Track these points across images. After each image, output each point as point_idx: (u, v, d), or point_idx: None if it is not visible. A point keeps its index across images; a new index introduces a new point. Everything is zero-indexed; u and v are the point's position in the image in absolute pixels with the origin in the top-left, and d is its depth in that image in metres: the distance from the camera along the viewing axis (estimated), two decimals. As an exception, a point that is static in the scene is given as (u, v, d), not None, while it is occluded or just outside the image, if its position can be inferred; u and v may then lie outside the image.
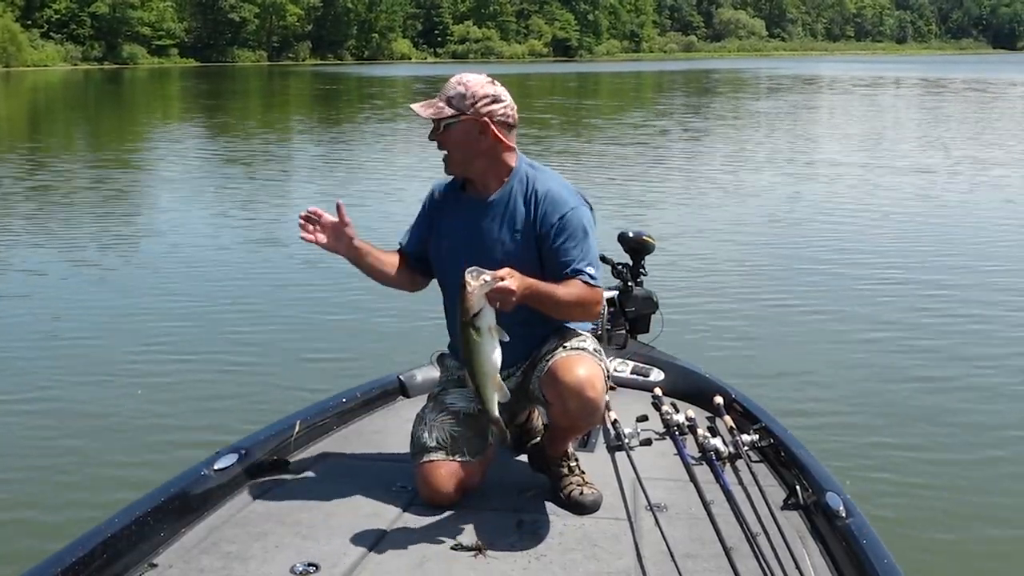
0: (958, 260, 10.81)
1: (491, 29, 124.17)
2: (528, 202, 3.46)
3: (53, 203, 15.22)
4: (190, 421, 6.18)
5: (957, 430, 6.08)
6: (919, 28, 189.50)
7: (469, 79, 3.45)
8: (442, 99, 3.43)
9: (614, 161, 20.11)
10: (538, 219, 3.43)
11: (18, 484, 5.38)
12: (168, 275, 10.18)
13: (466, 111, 3.41)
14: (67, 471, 5.51)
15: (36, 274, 10.31)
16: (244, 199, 15.46)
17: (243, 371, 7.17)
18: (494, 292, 3.09)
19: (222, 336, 8.04)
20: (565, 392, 3.31)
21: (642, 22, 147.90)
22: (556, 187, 3.48)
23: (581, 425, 3.48)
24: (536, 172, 3.53)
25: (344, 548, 3.12)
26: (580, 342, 3.48)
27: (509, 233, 3.46)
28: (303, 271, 10.28)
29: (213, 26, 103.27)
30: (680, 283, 9.26)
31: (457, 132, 3.43)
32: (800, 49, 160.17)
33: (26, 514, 5.03)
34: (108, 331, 8.18)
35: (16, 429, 6.13)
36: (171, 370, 7.15)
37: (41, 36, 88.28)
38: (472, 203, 3.54)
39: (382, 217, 12.43)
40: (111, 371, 7.16)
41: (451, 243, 3.55)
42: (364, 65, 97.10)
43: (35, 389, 6.81)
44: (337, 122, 30.51)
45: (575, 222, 3.42)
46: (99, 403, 6.54)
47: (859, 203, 14.43)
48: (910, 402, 6.53)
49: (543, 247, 3.44)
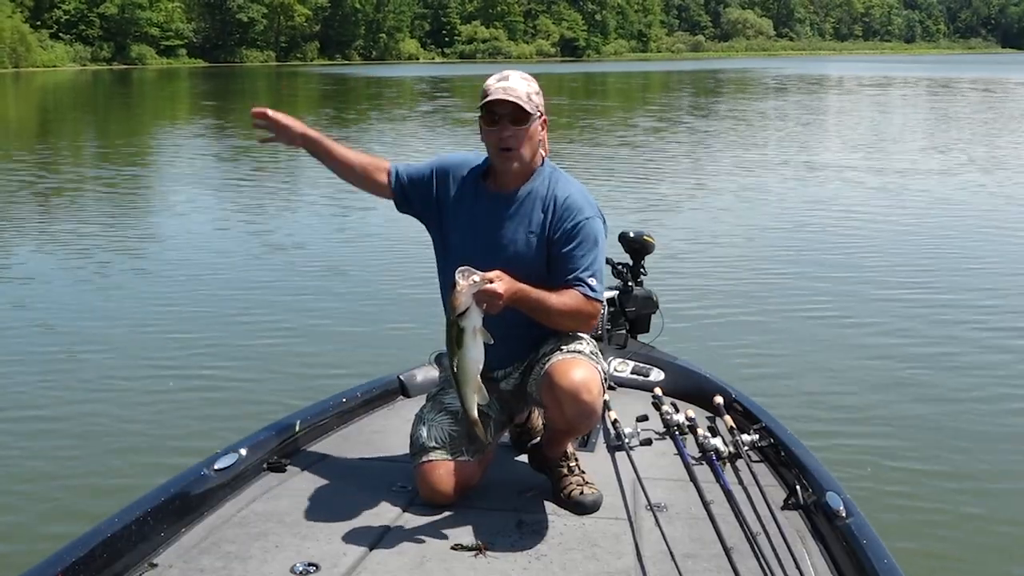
0: (958, 260, 10.78)
1: (499, 29, 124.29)
2: (547, 204, 3.47)
3: (56, 203, 15.28)
4: (190, 421, 6.17)
5: (958, 430, 6.07)
6: (927, 28, 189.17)
7: (525, 75, 3.50)
8: (521, 94, 3.42)
9: (616, 160, 20.14)
10: (553, 223, 3.45)
11: (18, 484, 5.38)
12: (168, 276, 10.18)
13: (540, 108, 3.47)
14: (67, 471, 5.51)
15: (38, 273, 10.32)
16: (247, 200, 15.46)
17: (243, 371, 7.17)
18: (481, 294, 3.10)
19: (222, 336, 8.03)
20: (561, 396, 3.31)
21: (650, 22, 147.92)
22: (576, 194, 3.50)
23: (578, 428, 3.48)
24: (558, 175, 3.55)
25: (344, 548, 3.12)
26: (577, 344, 3.48)
27: (524, 233, 3.47)
28: (303, 271, 10.31)
29: (221, 26, 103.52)
30: (680, 283, 9.25)
31: (533, 128, 3.46)
32: (808, 49, 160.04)
33: (26, 514, 5.03)
34: (108, 331, 8.17)
35: (16, 429, 6.14)
36: (171, 370, 7.14)
37: (50, 37, 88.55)
38: (492, 197, 3.54)
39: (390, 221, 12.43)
40: (111, 371, 7.16)
41: (462, 237, 3.54)
42: (371, 65, 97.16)
43: (35, 389, 6.81)
44: (345, 123, 30.47)
45: (588, 231, 3.44)
46: (99, 403, 6.53)
47: (860, 204, 14.38)
48: (910, 402, 6.51)
49: (552, 250, 3.44)
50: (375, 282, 9.66)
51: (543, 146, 3.53)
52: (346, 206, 14.26)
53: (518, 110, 3.41)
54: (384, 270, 10.14)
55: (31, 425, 6.18)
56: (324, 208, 14.36)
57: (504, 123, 3.42)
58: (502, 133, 3.43)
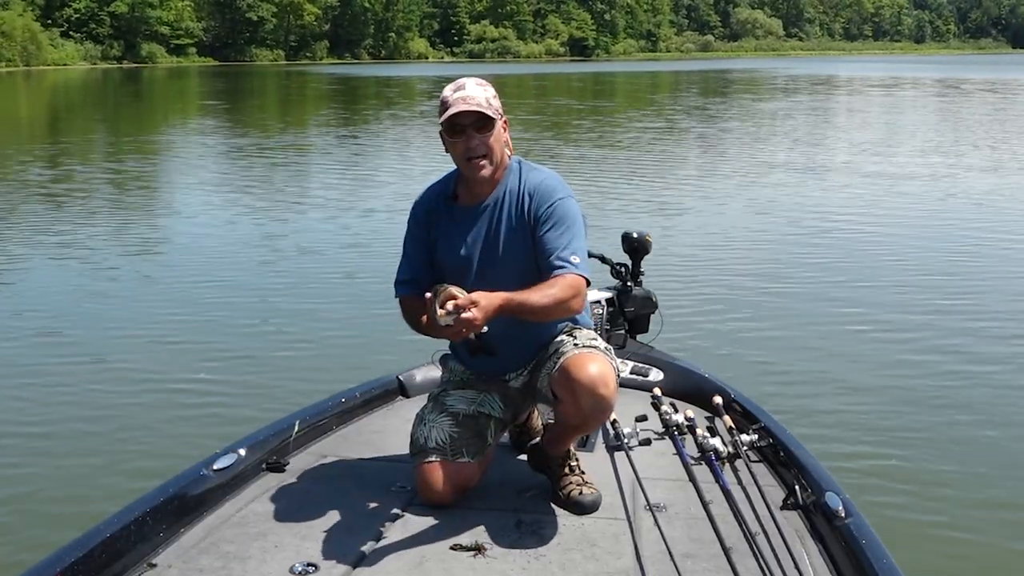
0: (959, 260, 10.75)
1: (508, 28, 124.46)
2: (521, 196, 3.47)
3: (57, 203, 15.27)
4: (190, 421, 6.17)
5: (958, 431, 6.05)
6: (937, 28, 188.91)
7: (480, 80, 3.47)
8: (481, 100, 3.40)
9: (618, 160, 20.17)
10: (532, 210, 3.44)
11: (18, 484, 5.38)
12: (168, 276, 10.17)
13: (499, 110, 3.46)
14: (67, 471, 5.52)
15: (38, 273, 10.35)
16: (251, 201, 15.42)
17: (243, 371, 7.16)
18: (457, 324, 3.08)
19: (222, 336, 8.02)
20: (578, 389, 3.30)
21: (659, 22, 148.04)
22: (548, 178, 3.50)
23: (591, 423, 3.47)
24: (527, 166, 3.55)
25: (343, 548, 3.12)
26: (591, 340, 3.49)
27: (508, 231, 3.47)
28: (303, 271, 10.30)
29: (231, 25, 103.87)
30: (680, 283, 9.24)
31: (497, 132, 3.45)
32: (817, 49, 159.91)
33: (26, 514, 5.03)
34: (109, 331, 8.18)
35: (16, 429, 6.15)
36: (171, 369, 7.15)
37: (61, 35, 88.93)
38: (467, 212, 3.53)
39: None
40: (111, 371, 7.17)
41: (453, 260, 3.52)
42: (381, 65, 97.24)
43: (35, 389, 6.81)
44: (352, 122, 30.50)
45: (562, 210, 3.42)
46: (99, 403, 6.53)
47: (861, 205, 14.32)
48: (910, 402, 6.49)
49: (534, 236, 3.43)
50: (375, 282, 9.62)
51: (508, 146, 3.52)
52: (348, 207, 14.31)
53: (481, 117, 3.39)
54: (384, 270, 10.06)
55: (31, 425, 6.19)
56: (327, 209, 14.40)
57: (469, 132, 3.40)
58: (469, 143, 3.41)
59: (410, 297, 3.53)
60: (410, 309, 3.54)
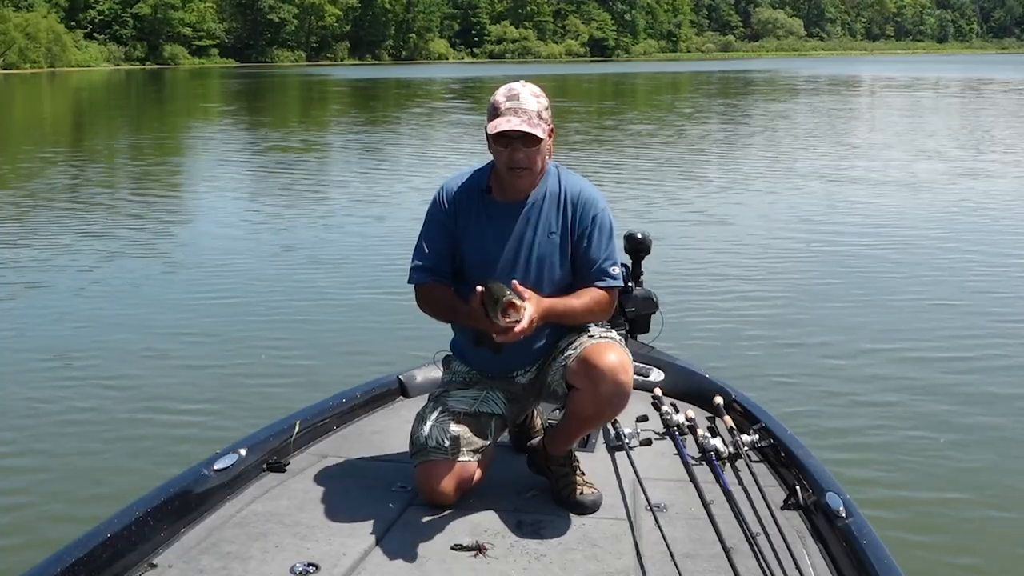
0: (959, 261, 10.66)
1: (528, 29, 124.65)
2: (562, 203, 3.48)
3: (61, 201, 15.37)
4: (190, 421, 6.19)
5: (959, 431, 6.03)
6: (960, 27, 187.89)
7: (535, 90, 3.42)
8: (532, 116, 3.35)
9: (618, 160, 20.17)
10: (574, 219, 3.47)
11: (18, 484, 5.40)
12: (168, 276, 10.22)
13: (549, 122, 3.43)
14: (67, 471, 5.53)
15: (41, 273, 10.37)
16: (260, 200, 15.53)
17: (243, 371, 7.17)
18: (512, 335, 3.17)
19: (221, 336, 8.03)
20: (598, 376, 3.30)
21: (679, 22, 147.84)
22: (587, 188, 3.53)
23: (607, 412, 3.47)
24: (565, 173, 3.56)
25: (344, 548, 3.12)
26: (606, 331, 3.51)
27: (545, 235, 3.48)
28: (303, 272, 10.33)
29: (253, 26, 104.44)
30: (680, 283, 9.22)
31: (544, 146, 3.42)
32: (839, 49, 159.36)
33: (26, 514, 5.05)
34: (108, 331, 8.20)
35: (16, 428, 6.17)
36: (171, 369, 7.17)
37: (85, 37, 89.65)
38: (503, 208, 3.51)
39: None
40: (112, 371, 7.19)
41: (479, 253, 3.50)
42: (401, 66, 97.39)
43: (35, 389, 6.83)
44: (369, 131, 30.52)
45: (605, 221, 3.49)
46: (99, 403, 6.55)
47: (862, 206, 14.27)
48: (911, 403, 6.46)
49: (576, 245, 3.47)
50: (376, 282, 9.66)
51: (549, 152, 3.50)
52: (354, 206, 14.33)
53: (531, 133, 3.36)
54: (385, 270, 10.11)
55: (31, 425, 6.21)
56: (331, 208, 14.46)
57: (516, 145, 3.37)
58: (514, 155, 3.38)
59: (429, 285, 3.54)
60: (428, 297, 3.56)
